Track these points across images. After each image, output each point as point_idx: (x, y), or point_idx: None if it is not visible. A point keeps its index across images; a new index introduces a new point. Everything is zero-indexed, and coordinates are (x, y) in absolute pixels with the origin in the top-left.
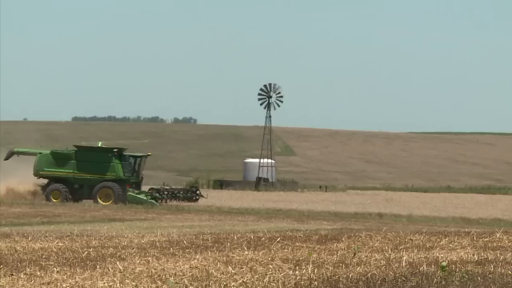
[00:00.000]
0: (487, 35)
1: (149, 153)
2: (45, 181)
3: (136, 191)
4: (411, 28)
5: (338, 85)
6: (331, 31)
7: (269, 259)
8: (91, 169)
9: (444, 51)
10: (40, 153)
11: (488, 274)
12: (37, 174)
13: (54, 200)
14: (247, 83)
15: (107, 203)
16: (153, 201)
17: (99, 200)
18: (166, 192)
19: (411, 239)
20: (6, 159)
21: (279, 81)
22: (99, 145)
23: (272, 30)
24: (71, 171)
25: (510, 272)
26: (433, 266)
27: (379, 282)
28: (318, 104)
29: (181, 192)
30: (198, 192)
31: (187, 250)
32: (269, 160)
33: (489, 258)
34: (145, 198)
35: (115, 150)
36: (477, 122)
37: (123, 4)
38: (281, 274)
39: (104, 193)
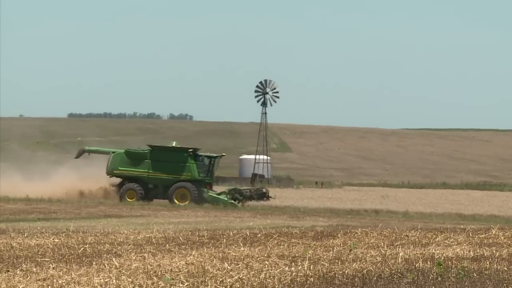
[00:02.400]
0: (483, 32)
1: (223, 154)
2: (115, 180)
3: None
4: (407, 25)
5: (333, 81)
6: (327, 28)
7: (265, 255)
8: (166, 169)
9: (441, 48)
10: (113, 152)
11: (484, 271)
12: (110, 173)
13: (128, 200)
14: (243, 80)
15: (183, 204)
16: (234, 202)
17: (175, 201)
18: (244, 194)
19: (407, 236)
20: (77, 157)
21: (274, 78)
22: (173, 145)
23: (268, 27)
24: (146, 170)
25: (505, 269)
26: (429, 262)
27: (375, 278)
28: (313, 100)
29: (252, 193)
30: (267, 192)
31: (183, 246)
32: (265, 157)
33: (485, 254)
34: (226, 199)
35: (190, 150)
36: (473, 119)
37: (120, 2)
38: (277, 271)
39: (180, 193)
